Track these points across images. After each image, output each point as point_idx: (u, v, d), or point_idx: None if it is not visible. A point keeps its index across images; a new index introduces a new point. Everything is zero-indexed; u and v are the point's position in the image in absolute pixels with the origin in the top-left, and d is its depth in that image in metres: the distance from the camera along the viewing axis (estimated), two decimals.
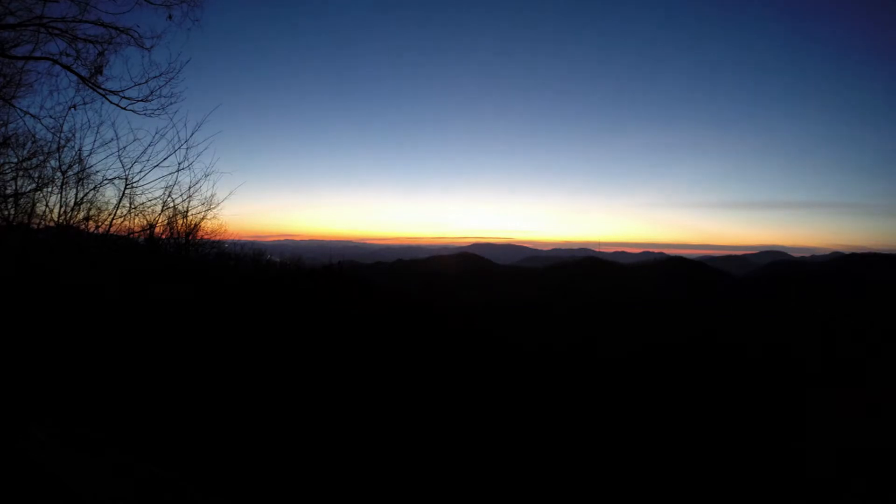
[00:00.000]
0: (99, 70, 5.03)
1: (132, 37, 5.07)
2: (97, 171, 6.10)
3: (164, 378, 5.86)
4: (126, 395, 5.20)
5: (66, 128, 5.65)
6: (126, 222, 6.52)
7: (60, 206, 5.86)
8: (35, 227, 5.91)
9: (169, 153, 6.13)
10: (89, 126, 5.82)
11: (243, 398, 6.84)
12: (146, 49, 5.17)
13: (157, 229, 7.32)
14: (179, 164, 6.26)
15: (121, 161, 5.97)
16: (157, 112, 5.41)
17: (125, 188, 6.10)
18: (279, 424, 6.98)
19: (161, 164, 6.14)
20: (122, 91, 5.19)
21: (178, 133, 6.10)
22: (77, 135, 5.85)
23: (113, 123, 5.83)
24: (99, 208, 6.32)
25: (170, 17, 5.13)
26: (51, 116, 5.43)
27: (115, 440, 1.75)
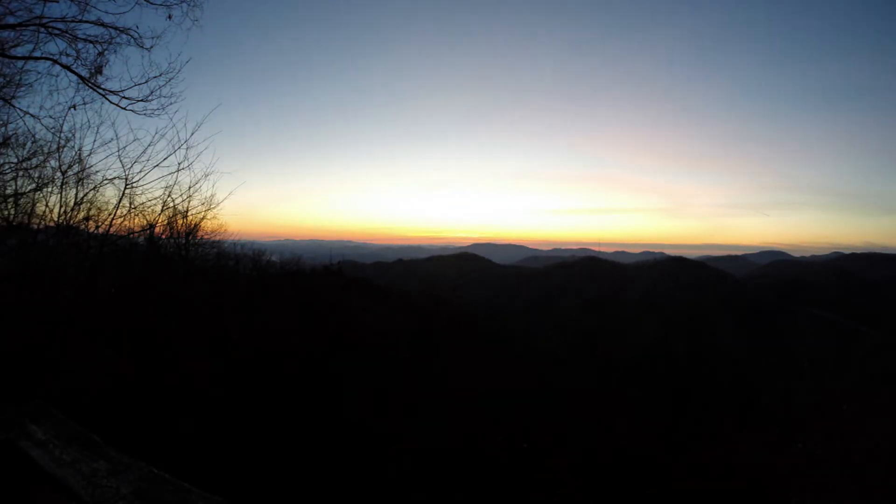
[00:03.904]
0: (99, 70, 5.03)
1: (132, 37, 5.07)
2: (97, 171, 6.11)
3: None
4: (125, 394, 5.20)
5: (66, 128, 5.65)
6: (126, 222, 6.54)
7: (60, 206, 5.87)
8: (35, 227, 5.91)
9: (169, 153, 6.14)
10: (89, 126, 5.82)
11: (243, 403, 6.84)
12: (146, 49, 5.16)
13: (157, 229, 7.33)
14: (179, 164, 6.27)
15: (121, 161, 5.98)
16: (157, 112, 5.41)
17: (125, 188, 6.11)
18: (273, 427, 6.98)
19: (161, 164, 6.16)
20: (122, 91, 5.19)
21: (178, 133, 6.11)
22: (77, 135, 5.85)
23: (113, 123, 5.84)
24: (99, 208, 6.33)
25: (170, 17, 5.12)
26: (51, 116, 5.43)
27: (115, 440, 1.75)
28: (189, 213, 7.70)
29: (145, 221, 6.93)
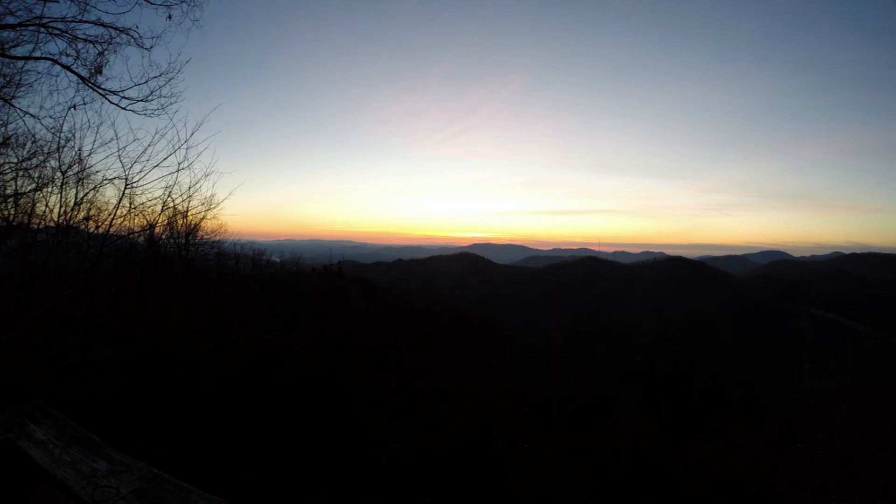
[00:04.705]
0: (99, 70, 5.04)
1: (132, 37, 5.08)
2: (97, 171, 6.14)
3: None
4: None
5: (66, 128, 5.67)
6: (126, 222, 6.56)
7: (60, 206, 5.88)
8: (35, 227, 5.92)
9: (169, 153, 6.17)
10: (89, 126, 5.85)
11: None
12: (146, 49, 5.18)
13: (157, 229, 7.35)
14: (179, 164, 6.30)
15: (121, 161, 6.01)
16: (156, 112, 5.43)
17: (125, 188, 6.13)
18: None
19: (161, 164, 6.19)
20: (122, 91, 5.20)
21: (177, 133, 6.13)
22: (77, 135, 5.88)
23: (113, 123, 5.87)
24: (99, 208, 6.35)
25: (170, 17, 5.14)
26: (51, 116, 5.45)
27: (115, 440, 1.75)
28: (189, 213, 7.73)
29: (145, 221, 6.95)
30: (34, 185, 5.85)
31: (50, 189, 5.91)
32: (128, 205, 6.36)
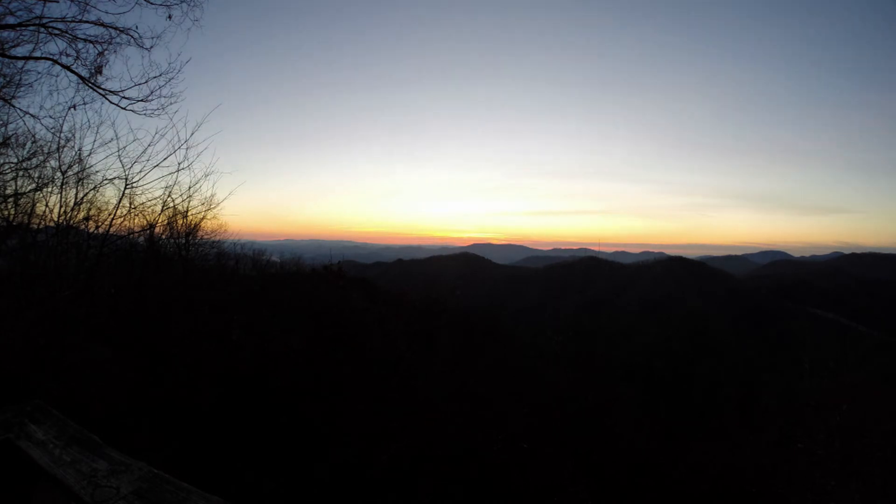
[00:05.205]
0: (99, 70, 5.03)
1: (132, 37, 5.07)
2: (97, 171, 6.14)
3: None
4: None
5: (66, 128, 5.67)
6: (126, 222, 6.57)
7: (60, 206, 5.88)
8: (35, 227, 5.92)
9: (169, 153, 6.17)
10: (89, 126, 5.86)
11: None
12: (146, 49, 5.17)
13: (157, 229, 7.35)
14: (179, 164, 6.31)
15: (121, 161, 6.01)
16: (156, 112, 5.42)
17: (125, 188, 6.13)
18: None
19: (161, 164, 6.19)
20: (122, 91, 5.20)
21: (177, 133, 6.14)
22: (77, 135, 5.89)
23: (113, 123, 5.87)
24: (99, 208, 6.36)
25: (170, 17, 5.13)
26: (51, 116, 5.44)
27: (115, 439, 1.75)
28: (189, 213, 7.73)
29: (145, 221, 6.95)
30: (34, 185, 5.85)
31: (50, 189, 5.92)
32: (128, 205, 6.37)
